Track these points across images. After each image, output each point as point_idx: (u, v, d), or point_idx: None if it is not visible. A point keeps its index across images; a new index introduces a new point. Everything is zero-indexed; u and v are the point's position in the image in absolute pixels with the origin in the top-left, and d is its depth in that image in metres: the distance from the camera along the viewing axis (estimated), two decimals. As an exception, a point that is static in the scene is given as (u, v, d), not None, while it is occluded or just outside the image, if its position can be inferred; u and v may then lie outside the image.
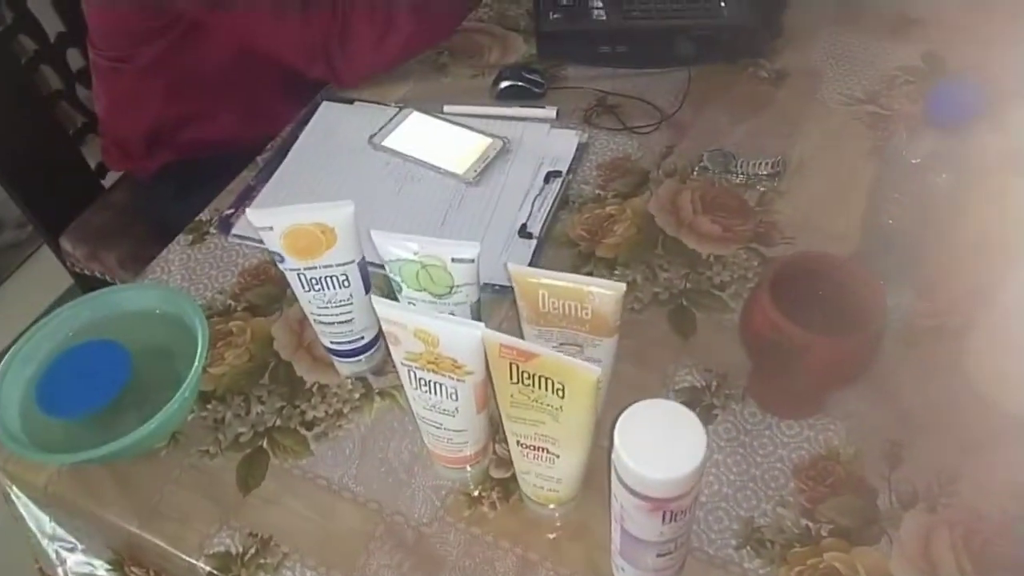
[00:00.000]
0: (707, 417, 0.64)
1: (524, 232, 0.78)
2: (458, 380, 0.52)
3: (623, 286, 0.51)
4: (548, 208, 0.81)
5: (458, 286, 0.56)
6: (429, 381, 0.53)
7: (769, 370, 0.62)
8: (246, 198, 0.83)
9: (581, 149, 0.87)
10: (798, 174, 0.83)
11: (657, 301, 0.72)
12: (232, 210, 0.82)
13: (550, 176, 0.84)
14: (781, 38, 0.97)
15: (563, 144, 0.87)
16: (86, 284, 1.20)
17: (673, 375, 0.67)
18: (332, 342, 0.65)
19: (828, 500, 0.59)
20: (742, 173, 0.83)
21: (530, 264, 0.75)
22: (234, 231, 0.80)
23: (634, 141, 0.88)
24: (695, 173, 0.84)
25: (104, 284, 1.17)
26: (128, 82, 1.04)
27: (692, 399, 0.65)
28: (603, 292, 0.51)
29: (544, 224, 0.79)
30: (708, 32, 0.94)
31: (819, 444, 0.62)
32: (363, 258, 0.60)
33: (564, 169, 0.84)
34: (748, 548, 0.57)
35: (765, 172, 0.83)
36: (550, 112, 0.91)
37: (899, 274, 0.66)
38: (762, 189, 0.81)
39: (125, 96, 1.07)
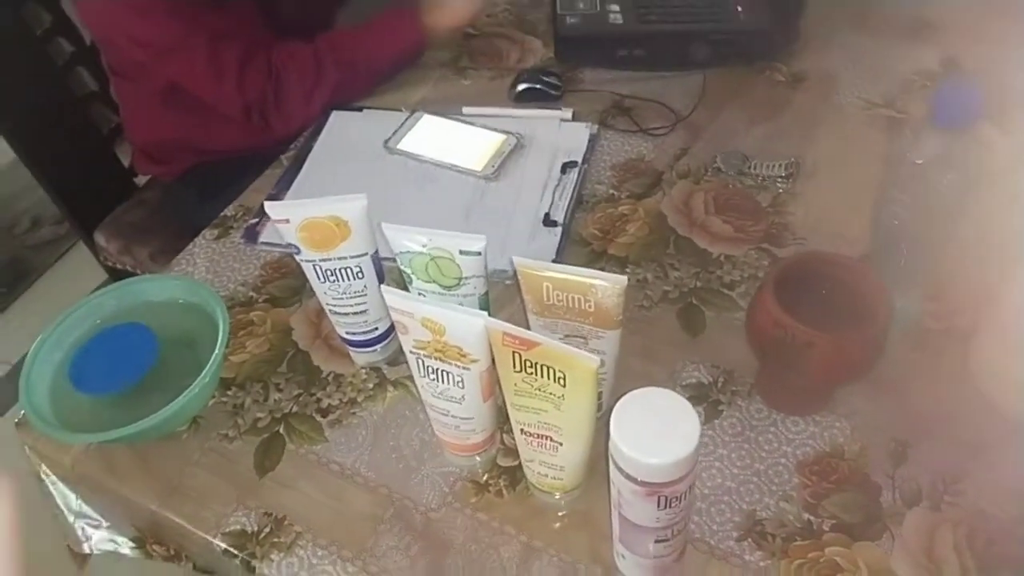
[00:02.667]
0: (713, 412, 0.65)
1: (548, 221, 0.80)
2: (464, 368, 0.54)
3: (625, 279, 0.52)
4: (569, 197, 0.83)
5: (466, 278, 0.58)
6: (436, 369, 0.55)
7: (774, 367, 0.63)
8: (268, 206, 0.86)
9: (593, 140, 0.89)
10: (812, 177, 0.83)
11: (667, 299, 0.73)
12: (256, 220, 0.84)
13: (566, 167, 0.86)
14: (798, 42, 0.98)
15: (575, 137, 0.89)
16: (119, 278, 1.23)
17: (681, 371, 0.68)
18: (347, 332, 0.68)
19: (831, 496, 0.59)
20: (756, 175, 0.84)
21: (557, 250, 0.78)
22: (261, 239, 0.82)
23: (648, 143, 0.89)
24: (708, 174, 0.85)
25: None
26: (142, 98, 1.09)
27: (699, 395, 0.66)
28: (606, 285, 0.53)
29: (567, 212, 0.81)
30: (724, 36, 0.95)
31: (824, 441, 0.62)
32: (376, 251, 0.62)
33: (579, 159, 0.86)
34: (749, 540, 0.57)
35: (779, 174, 0.83)
36: (566, 114, 0.92)
37: (907, 275, 0.66)
38: (775, 191, 0.82)
39: (141, 110, 1.12)
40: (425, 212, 0.83)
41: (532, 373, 0.50)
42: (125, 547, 0.70)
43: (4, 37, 1.10)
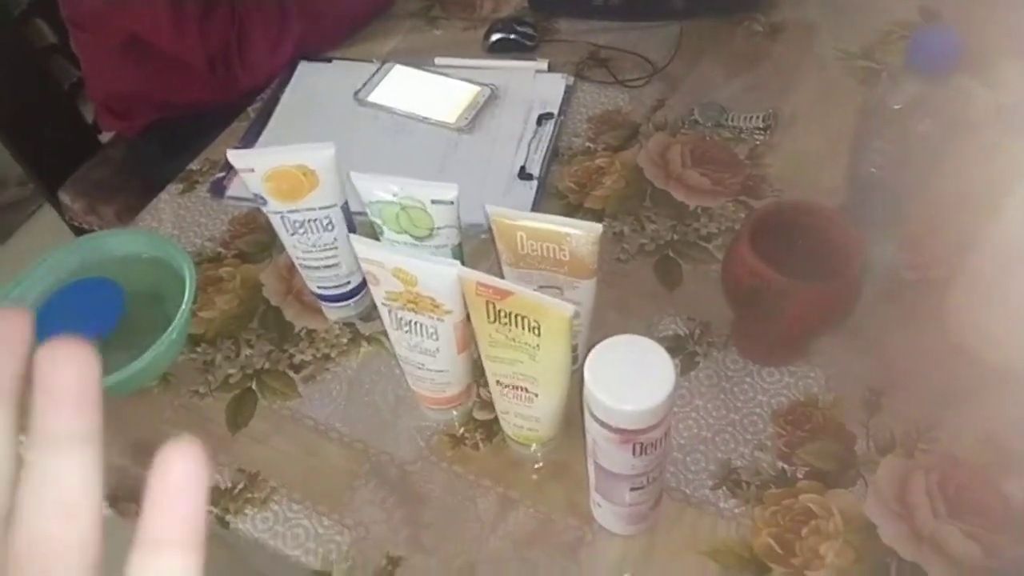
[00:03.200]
0: (689, 364, 0.65)
1: (524, 174, 0.79)
2: (437, 319, 0.53)
3: (600, 227, 0.51)
4: (545, 149, 0.81)
5: (439, 228, 0.57)
6: (409, 321, 0.54)
7: (750, 318, 0.63)
8: (235, 160, 0.84)
9: (569, 91, 0.87)
10: (790, 128, 0.82)
11: (644, 252, 0.73)
12: (223, 173, 0.82)
13: (542, 119, 0.84)
14: (776, -8, 0.96)
15: (551, 88, 0.88)
16: (85, 238, 1.21)
17: (657, 323, 0.67)
18: (319, 287, 0.66)
19: (805, 444, 0.60)
20: (733, 127, 0.83)
21: (533, 203, 0.76)
22: (228, 193, 0.80)
23: (625, 94, 0.88)
24: (685, 127, 0.84)
25: (102, 238, 1.18)
26: (102, 51, 1.05)
27: (675, 346, 0.66)
28: (580, 233, 0.52)
29: (543, 165, 0.80)
30: (703, -16, 0.93)
31: (798, 391, 0.63)
32: (347, 203, 0.61)
33: (555, 111, 0.85)
34: (724, 488, 0.58)
35: (756, 126, 0.82)
36: (541, 64, 0.90)
37: (882, 224, 0.66)
38: (753, 143, 0.81)
39: (99, 63, 1.08)
40: (397, 165, 0.81)
41: (506, 323, 0.50)
42: (96, 506, 0.69)
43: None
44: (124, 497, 0.67)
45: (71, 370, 0.19)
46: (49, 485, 0.19)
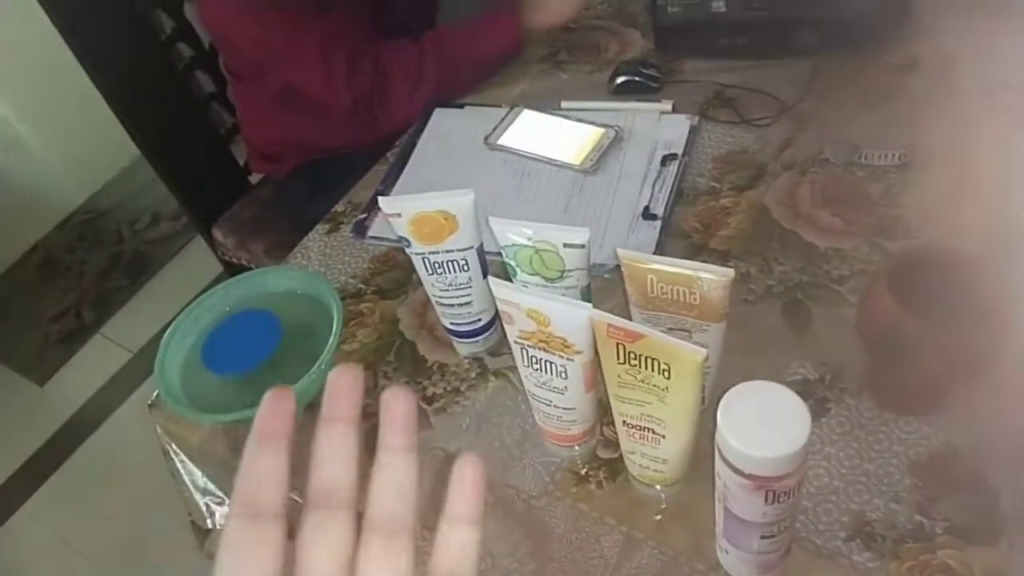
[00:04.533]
0: (820, 410, 0.63)
1: (648, 214, 0.80)
2: (567, 359, 0.55)
3: (732, 271, 0.52)
4: (669, 189, 0.82)
5: (569, 271, 0.59)
6: (540, 359, 0.56)
7: (887, 364, 0.61)
8: (376, 203, 0.89)
9: (693, 132, 0.88)
10: (927, 167, 0.80)
11: (771, 294, 0.72)
12: (365, 215, 0.88)
13: (666, 159, 0.85)
14: (909, 25, 0.93)
15: (675, 129, 0.89)
16: (235, 272, 1.31)
17: (786, 367, 0.67)
18: (452, 323, 0.70)
19: (945, 498, 0.57)
20: (866, 165, 0.81)
21: (657, 244, 0.77)
22: (370, 233, 0.86)
23: (751, 134, 0.88)
24: (815, 166, 0.82)
25: (250, 271, 1.28)
26: (258, 100, 1.15)
27: (805, 391, 0.65)
28: (712, 278, 0.52)
29: (667, 205, 0.81)
30: (832, 21, 0.92)
31: (938, 441, 0.60)
32: (481, 244, 0.64)
33: (680, 152, 0.86)
34: (858, 540, 0.56)
35: (892, 163, 0.80)
36: (666, 106, 0.92)
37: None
38: (888, 182, 0.79)
39: (257, 111, 1.18)
40: (524, 206, 0.85)
41: (636, 365, 0.51)
42: (246, 521, 0.74)
43: (132, 43, 1.19)
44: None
45: (401, 408, 0.31)
46: (392, 477, 0.30)
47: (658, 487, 0.59)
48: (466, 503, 0.31)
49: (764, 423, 0.44)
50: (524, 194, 0.86)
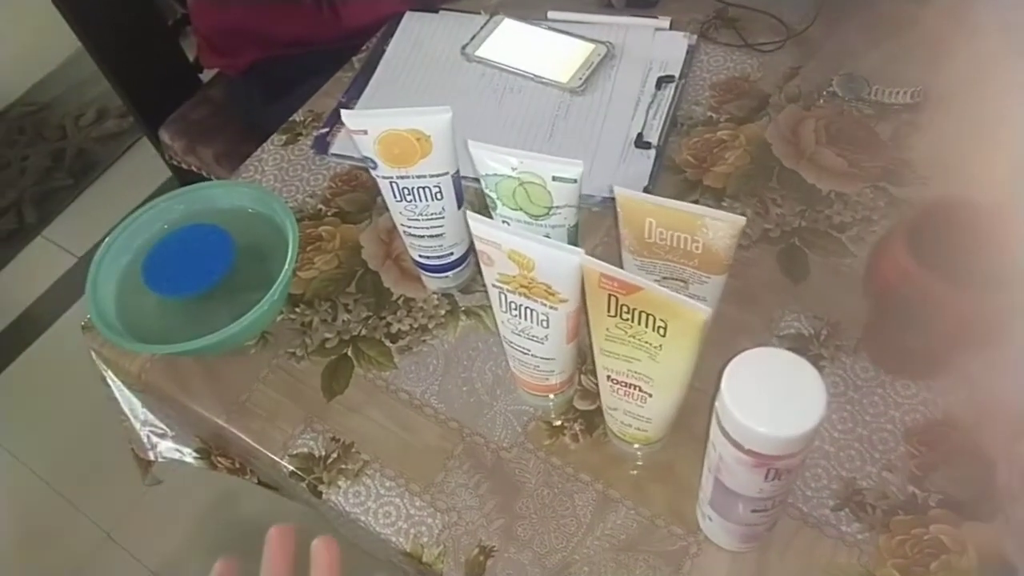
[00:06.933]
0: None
1: (641, 142, 0.73)
2: (551, 307, 0.49)
3: (742, 219, 0.46)
4: (664, 115, 0.75)
5: (557, 207, 0.52)
6: (520, 306, 0.50)
7: (890, 324, 0.57)
8: (339, 116, 0.80)
9: (691, 53, 0.80)
10: (940, 107, 0.74)
11: (767, 238, 0.67)
12: (327, 128, 0.79)
13: (661, 81, 0.78)
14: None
15: (671, 48, 0.81)
16: (183, 177, 1.22)
17: (779, 320, 0.62)
18: (421, 256, 0.63)
19: (940, 469, 0.54)
20: (876, 101, 0.75)
21: (651, 176, 0.71)
22: (332, 150, 0.77)
23: (754, 60, 0.80)
24: (822, 100, 0.76)
25: (201, 178, 1.18)
26: None
27: (798, 347, 0.60)
28: (718, 223, 0.47)
29: (662, 133, 0.74)
30: (851, -61, 0.84)
31: (936, 408, 0.57)
32: (457, 171, 0.57)
33: (676, 74, 0.78)
34: (847, 510, 0.53)
35: (903, 102, 0.74)
36: (662, 22, 0.84)
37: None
38: (898, 122, 0.73)
39: None
40: (505, 127, 0.77)
41: (628, 319, 0.45)
42: (189, 457, 0.69)
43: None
44: (217, 452, 0.68)
45: (325, 556, 0.38)
46: None
47: (636, 445, 0.55)
48: None
49: (774, 397, 0.39)
50: (504, 114, 0.78)
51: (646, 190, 0.70)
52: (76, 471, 1.45)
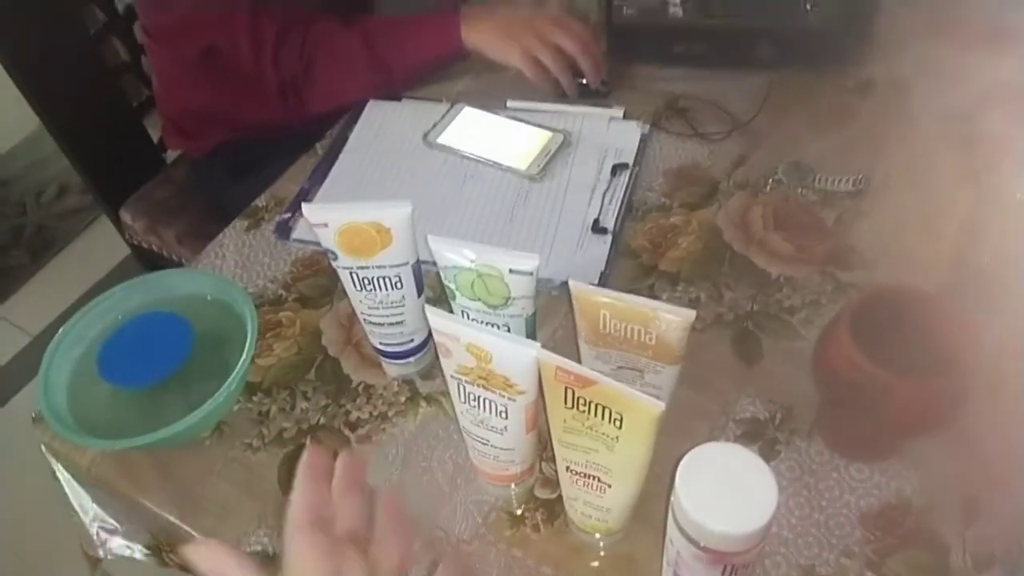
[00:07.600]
0: (770, 452, 0.60)
1: (598, 228, 0.75)
2: (509, 399, 0.49)
3: (692, 313, 0.48)
4: (620, 202, 0.78)
5: (514, 298, 0.53)
6: (479, 397, 0.51)
7: (842, 409, 0.58)
8: (302, 201, 0.81)
9: (644, 141, 0.84)
10: (882, 194, 0.77)
11: (721, 322, 0.69)
12: (289, 214, 0.80)
13: (616, 169, 0.81)
14: (869, 46, 0.91)
15: (625, 136, 0.84)
16: (143, 256, 1.21)
17: (735, 403, 0.63)
18: (381, 343, 0.64)
19: (896, 553, 0.55)
20: (820, 189, 0.78)
21: (607, 260, 0.73)
22: (294, 235, 0.78)
23: (704, 148, 0.84)
24: (768, 187, 0.79)
25: (161, 258, 1.18)
26: (175, 65, 1.05)
27: (754, 431, 0.61)
28: (671, 318, 0.48)
29: (617, 219, 0.76)
30: (791, 35, 0.89)
31: (890, 491, 0.58)
32: (417, 260, 0.58)
33: (630, 161, 0.81)
34: (807, 599, 0.53)
35: (846, 189, 0.78)
36: (617, 112, 0.87)
37: (989, 315, 0.61)
38: (841, 208, 0.76)
39: (173, 77, 1.08)
40: (466, 212, 0.79)
41: (585, 412, 0.46)
42: (139, 553, 0.67)
43: (36, 3, 1.06)
44: (168, 549, 0.65)
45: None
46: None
47: (597, 535, 0.55)
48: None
49: (726, 492, 0.39)
50: (465, 200, 0.80)
51: (603, 275, 0.72)
52: (23, 564, 1.39)
